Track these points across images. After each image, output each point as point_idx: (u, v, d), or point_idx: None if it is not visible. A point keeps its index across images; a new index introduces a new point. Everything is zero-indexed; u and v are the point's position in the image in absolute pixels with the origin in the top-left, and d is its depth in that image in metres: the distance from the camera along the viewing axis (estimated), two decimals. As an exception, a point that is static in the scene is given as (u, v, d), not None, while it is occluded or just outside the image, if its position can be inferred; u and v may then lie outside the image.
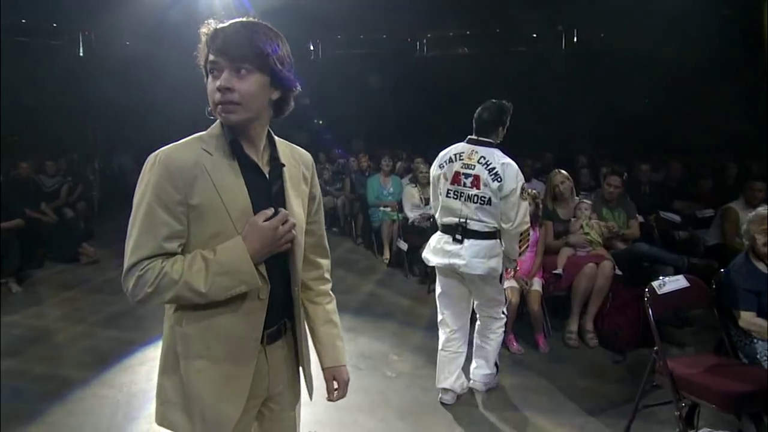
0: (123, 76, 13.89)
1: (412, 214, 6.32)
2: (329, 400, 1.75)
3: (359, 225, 8.16)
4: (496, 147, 3.24)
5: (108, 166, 13.27)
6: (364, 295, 5.77)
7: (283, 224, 1.47)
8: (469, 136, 3.31)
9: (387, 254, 6.96)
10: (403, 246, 6.36)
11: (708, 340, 3.89)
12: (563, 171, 4.77)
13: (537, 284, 4.30)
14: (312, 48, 13.28)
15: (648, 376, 2.94)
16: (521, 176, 3.17)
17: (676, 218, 5.59)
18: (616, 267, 4.34)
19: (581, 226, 4.47)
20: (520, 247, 3.26)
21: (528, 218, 3.24)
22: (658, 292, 2.89)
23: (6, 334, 4.63)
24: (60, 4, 10.66)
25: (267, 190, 1.53)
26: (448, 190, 3.27)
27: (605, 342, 4.30)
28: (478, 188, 3.15)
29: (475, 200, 3.17)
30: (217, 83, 1.41)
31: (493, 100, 3.28)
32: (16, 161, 8.38)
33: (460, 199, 3.22)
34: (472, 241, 3.19)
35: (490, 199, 3.15)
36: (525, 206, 3.16)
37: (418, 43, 13.03)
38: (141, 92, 14.50)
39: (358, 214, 8.16)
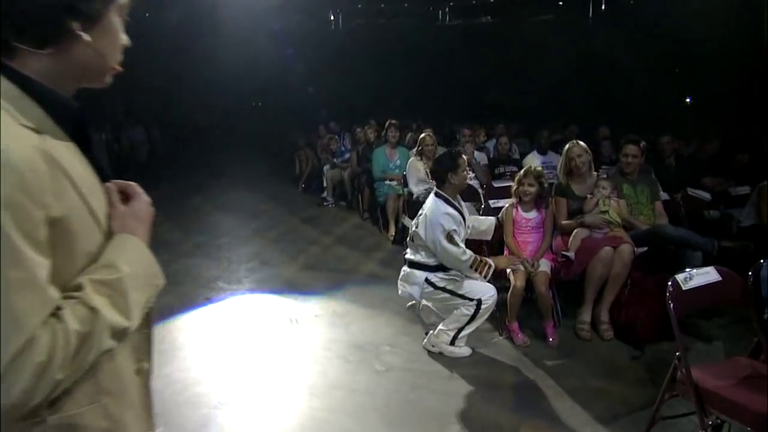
0: (141, 51, 13.93)
1: (416, 189, 5.88)
2: None
3: (366, 199, 7.76)
4: (443, 198, 3.59)
5: (116, 140, 13.00)
6: (363, 277, 5.40)
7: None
8: None
9: (392, 231, 6.57)
10: (408, 223, 5.94)
11: (741, 335, 3.41)
12: (581, 143, 4.27)
13: (544, 265, 3.86)
14: (332, 18, 12.86)
15: (668, 385, 2.50)
16: (442, 225, 3.48)
17: (707, 196, 5.05)
18: (636, 251, 3.87)
19: (597, 204, 3.99)
20: (480, 273, 3.59)
21: (465, 256, 3.51)
22: (683, 288, 2.44)
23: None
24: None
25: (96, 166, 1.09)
26: (414, 224, 3.73)
27: (622, 334, 3.86)
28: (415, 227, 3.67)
29: (412, 237, 3.72)
30: (124, 36, 1.08)
31: (446, 154, 3.80)
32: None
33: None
34: (405, 267, 3.77)
35: (412, 237, 3.70)
36: (455, 250, 3.48)
37: (440, 12, 12.61)
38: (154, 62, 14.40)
39: (364, 188, 7.75)
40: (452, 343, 3.66)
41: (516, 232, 3.98)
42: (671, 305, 2.43)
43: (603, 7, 11.30)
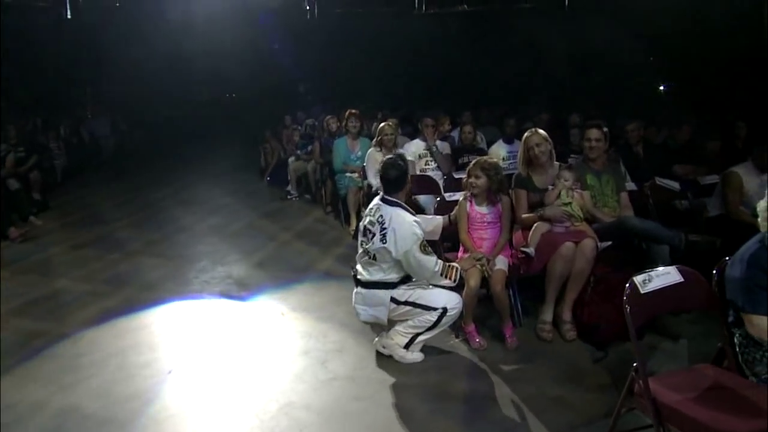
0: (111, 41, 13.46)
1: (375, 182, 5.57)
2: None
3: (328, 193, 7.45)
4: (400, 206, 3.34)
5: (75, 133, 12.47)
6: (318, 274, 5.10)
7: None
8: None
9: (353, 224, 6.26)
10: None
11: (711, 332, 3.12)
12: (540, 131, 4.00)
13: (501, 263, 3.59)
14: (308, 8, 12.74)
15: (625, 398, 2.25)
16: (416, 235, 3.23)
17: (676, 185, 4.82)
18: (600, 245, 3.63)
19: (559, 196, 3.73)
20: (449, 278, 3.37)
21: (438, 266, 3.31)
22: (642, 291, 2.19)
23: None
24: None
25: None
26: (361, 241, 3.44)
27: (585, 335, 3.61)
28: (373, 244, 3.32)
29: (367, 254, 3.37)
30: None
31: (398, 157, 3.55)
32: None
33: (361, 249, 3.43)
34: (359, 288, 3.43)
35: (373, 255, 3.33)
36: (428, 260, 3.26)
37: (416, 1, 12.47)
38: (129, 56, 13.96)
39: (327, 181, 7.44)
40: (406, 346, 3.39)
41: (471, 227, 3.71)
42: (628, 310, 2.18)
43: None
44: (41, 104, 12.34)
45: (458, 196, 3.93)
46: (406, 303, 3.33)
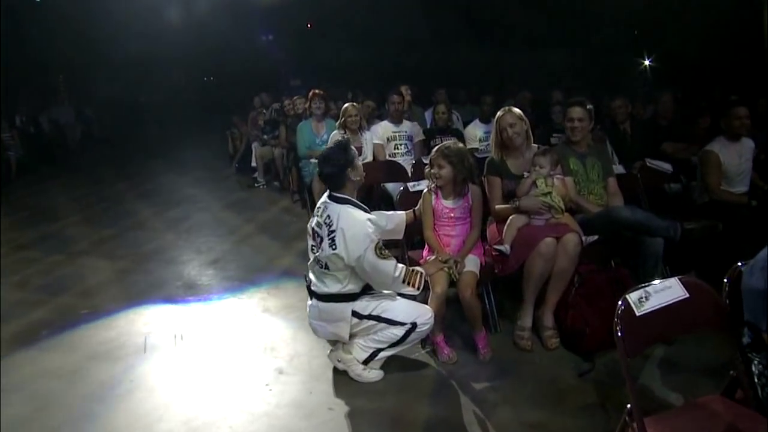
0: (83, 24, 12.84)
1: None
2: None
3: (295, 179, 6.93)
4: (350, 203, 2.84)
5: (33, 122, 11.78)
6: (275, 274, 4.60)
7: None
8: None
9: (320, 216, 5.76)
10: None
11: (719, 346, 2.66)
12: (515, 109, 3.50)
13: (472, 263, 3.12)
14: None
15: (617, 445, 1.80)
16: (369, 236, 2.73)
17: (667, 167, 4.36)
18: (585, 240, 3.17)
19: (535, 185, 3.25)
20: (413, 285, 2.87)
21: (398, 270, 2.80)
22: (637, 313, 1.72)
23: None
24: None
25: None
26: (311, 246, 2.98)
27: (569, 342, 3.17)
28: (322, 250, 2.82)
29: (317, 262, 2.88)
30: None
31: (338, 147, 2.91)
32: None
33: (312, 257, 2.95)
34: (314, 301, 2.92)
35: (324, 264, 2.83)
36: (386, 265, 2.76)
37: None
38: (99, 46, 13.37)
39: (293, 167, 6.92)
40: (366, 362, 2.92)
41: (437, 223, 3.22)
42: (620, 335, 1.72)
43: None
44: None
45: (424, 185, 3.44)
46: (369, 317, 2.86)
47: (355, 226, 2.74)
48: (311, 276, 2.96)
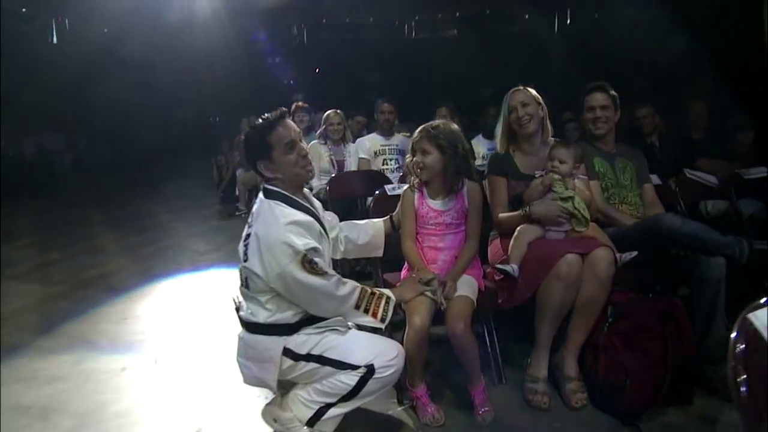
0: (98, 67, 12.84)
1: (315, 183, 4.31)
2: None
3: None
4: (279, 197, 2.03)
5: (13, 147, 11.24)
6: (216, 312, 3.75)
7: None
8: None
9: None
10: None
11: None
12: (530, 89, 2.72)
13: (466, 286, 2.27)
14: (296, 32, 12.77)
15: None
16: (289, 245, 1.91)
17: (712, 179, 3.56)
18: (621, 259, 2.33)
19: (552, 188, 2.44)
20: (373, 315, 2.05)
21: (343, 289, 2.01)
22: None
23: None
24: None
25: None
26: None
27: (601, 399, 2.30)
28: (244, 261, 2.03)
29: (241, 278, 2.10)
30: None
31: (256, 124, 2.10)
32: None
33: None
34: (241, 331, 2.10)
35: (245, 281, 2.05)
36: (322, 285, 1.95)
37: (406, 26, 12.46)
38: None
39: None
40: (310, 423, 2.04)
41: (420, 232, 2.40)
42: (744, 391, 0.87)
43: (568, 22, 11.03)
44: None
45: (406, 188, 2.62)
46: (309, 357, 2.00)
47: (270, 230, 1.95)
48: (240, 297, 2.13)
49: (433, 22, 12.39)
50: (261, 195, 2.08)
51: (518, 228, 2.43)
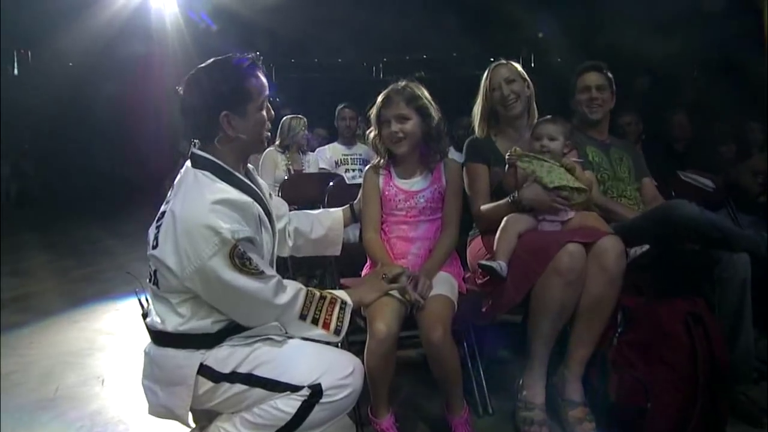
0: (61, 99, 12.56)
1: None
2: None
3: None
4: (211, 167, 1.51)
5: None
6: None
7: None
8: None
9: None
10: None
11: None
12: (515, 64, 2.34)
13: (444, 285, 1.82)
14: (265, 71, 12.56)
15: None
16: (215, 230, 1.38)
17: (707, 183, 3.23)
18: (631, 253, 1.91)
19: (533, 171, 2.03)
20: (324, 327, 1.54)
21: (284, 296, 1.49)
22: None
23: None
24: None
25: None
26: None
27: (612, 428, 1.84)
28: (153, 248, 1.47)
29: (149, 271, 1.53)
30: None
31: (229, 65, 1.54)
32: None
33: None
34: (148, 344, 1.55)
35: (154, 278, 1.50)
36: (256, 288, 1.43)
37: (374, 68, 12.86)
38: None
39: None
40: None
41: (387, 219, 1.95)
42: None
43: (533, 65, 11.12)
44: None
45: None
46: (234, 377, 1.46)
47: (192, 208, 1.42)
48: (149, 297, 1.61)
49: (400, 64, 12.65)
50: (188, 163, 1.59)
51: (505, 218, 2.00)
